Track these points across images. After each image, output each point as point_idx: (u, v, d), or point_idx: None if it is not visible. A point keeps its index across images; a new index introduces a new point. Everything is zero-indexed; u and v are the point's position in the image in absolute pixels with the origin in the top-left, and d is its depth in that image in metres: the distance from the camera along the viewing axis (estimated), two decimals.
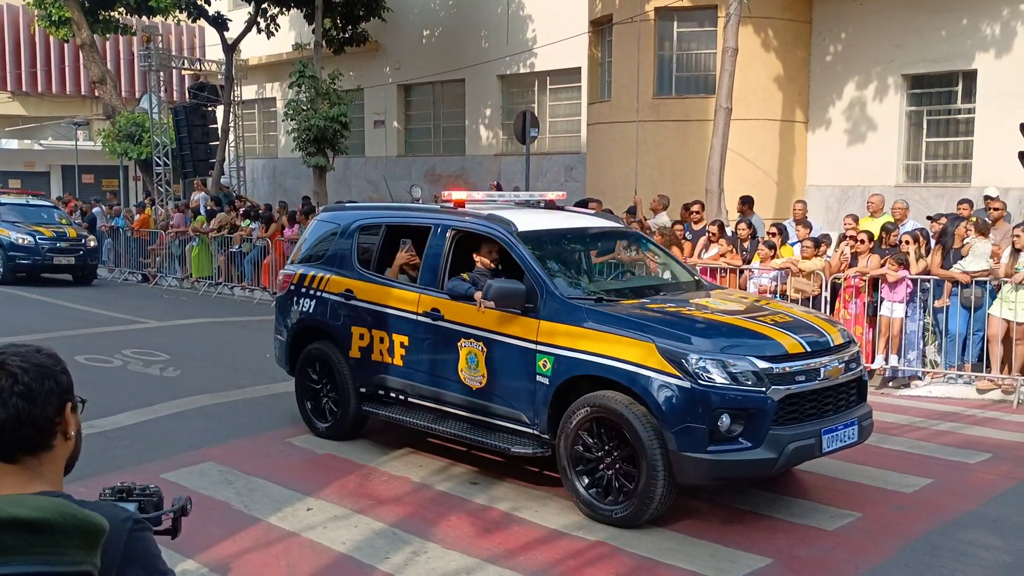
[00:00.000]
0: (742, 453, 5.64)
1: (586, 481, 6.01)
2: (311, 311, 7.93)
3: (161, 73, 25.63)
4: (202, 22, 26.31)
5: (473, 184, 22.91)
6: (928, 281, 10.50)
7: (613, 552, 5.49)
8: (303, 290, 8.03)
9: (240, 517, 5.97)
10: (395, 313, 7.23)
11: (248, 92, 28.61)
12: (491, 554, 5.43)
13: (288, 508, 6.12)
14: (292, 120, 20.87)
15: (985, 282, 10.01)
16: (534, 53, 21.71)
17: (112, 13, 25.99)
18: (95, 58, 25.69)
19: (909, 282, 10.42)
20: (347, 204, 9.76)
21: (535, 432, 6.34)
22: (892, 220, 11.87)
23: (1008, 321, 9.78)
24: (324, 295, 7.83)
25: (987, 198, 11.89)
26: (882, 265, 10.56)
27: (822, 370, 5.98)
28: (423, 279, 7.16)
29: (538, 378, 6.22)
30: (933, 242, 11.00)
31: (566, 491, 6.18)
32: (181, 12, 24.51)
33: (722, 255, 11.93)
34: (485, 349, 6.55)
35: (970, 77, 15.25)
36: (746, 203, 13.31)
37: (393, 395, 7.34)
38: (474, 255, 7.09)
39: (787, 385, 5.77)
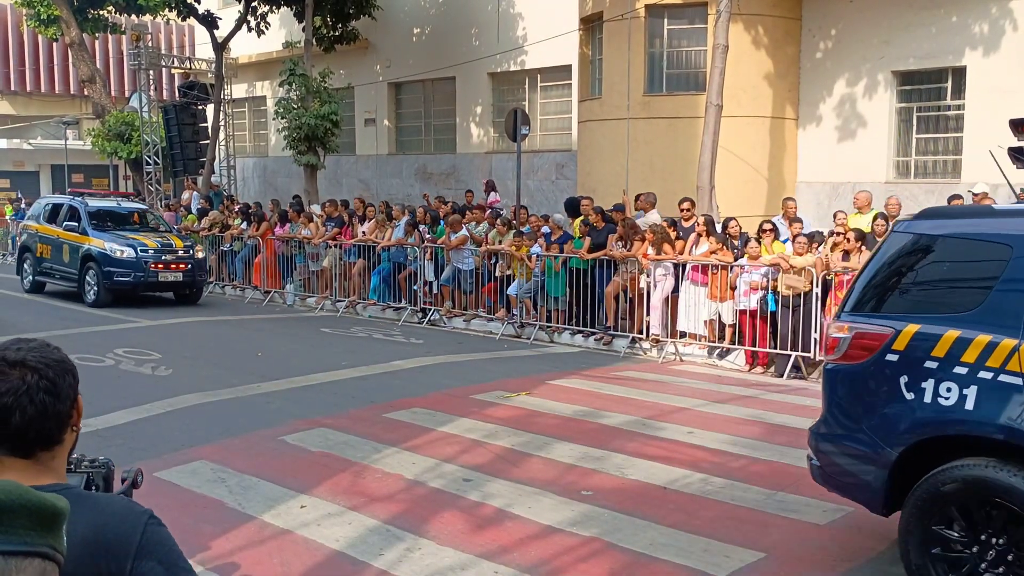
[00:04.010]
0: None
1: None
2: (965, 407, 4.41)
3: (151, 72, 25.56)
4: (192, 20, 26.23)
5: (464, 183, 22.96)
6: None
7: (606, 548, 5.50)
8: (928, 366, 4.57)
9: (233, 515, 5.97)
10: None
11: (238, 90, 28.55)
12: (485, 550, 5.43)
13: (281, 506, 6.11)
14: (283, 118, 20.84)
15: None
16: (524, 51, 21.70)
17: (101, 12, 25.90)
18: (84, 57, 25.60)
19: None
20: (1001, 207, 5.67)
21: None
22: (883, 212, 11.95)
23: None
24: (1013, 379, 4.30)
25: (973, 195, 11.96)
26: None
27: None
28: None
29: None
30: None
31: (558, 488, 6.16)
32: (171, 11, 24.44)
33: (712, 252, 11.97)
34: None
35: (959, 74, 15.31)
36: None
37: None
38: None
39: None
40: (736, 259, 11.77)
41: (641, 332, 12.50)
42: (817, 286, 10.88)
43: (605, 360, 12.12)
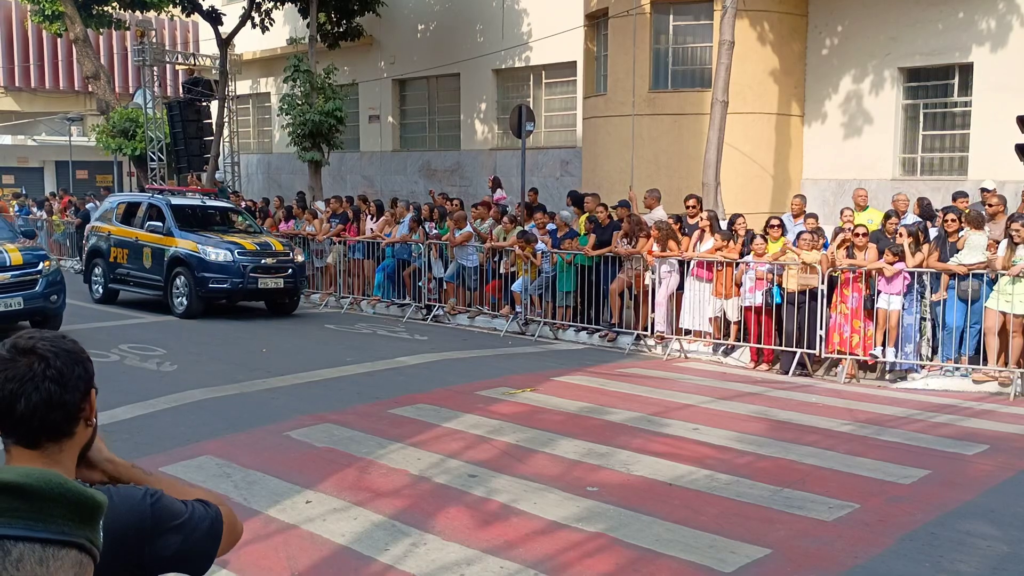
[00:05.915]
0: None
1: None
2: None
3: (155, 68, 25.56)
4: (196, 17, 26.24)
5: (468, 179, 22.95)
6: (925, 275, 10.52)
7: (612, 543, 5.48)
8: None
9: (239, 510, 5.93)
10: None
11: (242, 87, 28.55)
12: (490, 545, 5.42)
13: (287, 501, 6.11)
14: (287, 115, 20.85)
15: (982, 275, 10.03)
16: (529, 47, 21.68)
17: (106, 8, 25.93)
18: (88, 53, 25.60)
19: (906, 275, 10.44)
20: None
21: None
22: (892, 209, 11.93)
23: (1005, 314, 9.80)
24: None
25: (983, 191, 11.92)
26: (879, 257, 10.59)
27: None
28: None
29: None
30: (934, 233, 11.02)
31: (564, 484, 6.15)
32: (175, 7, 24.48)
33: (718, 249, 11.94)
34: None
35: (966, 70, 15.27)
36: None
37: None
38: None
39: None
40: (742, 256, 11.74)
41: (646, 329, 12.48)
42: (823, 283, 10.85)
43: (610, 357, 12.11)
